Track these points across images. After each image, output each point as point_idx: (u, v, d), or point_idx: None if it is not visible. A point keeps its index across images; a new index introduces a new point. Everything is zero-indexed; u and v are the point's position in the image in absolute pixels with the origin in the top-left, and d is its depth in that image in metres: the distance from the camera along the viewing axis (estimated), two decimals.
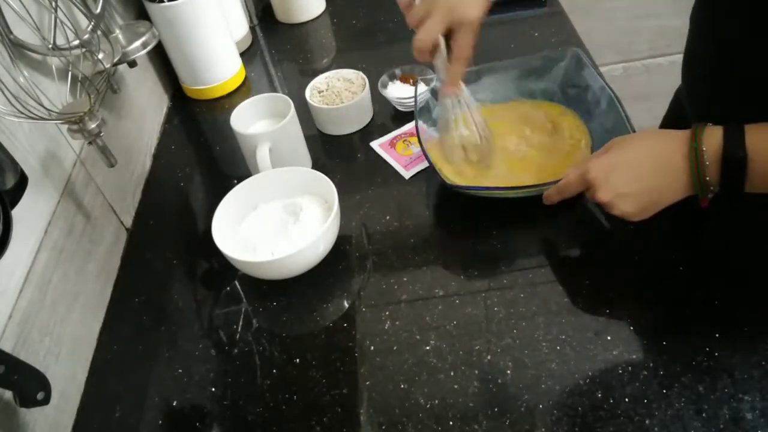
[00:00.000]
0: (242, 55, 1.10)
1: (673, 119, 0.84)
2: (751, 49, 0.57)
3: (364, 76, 0.90)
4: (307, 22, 1.18)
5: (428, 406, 0.57)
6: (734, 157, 0.51)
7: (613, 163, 0.58)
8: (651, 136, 0.59)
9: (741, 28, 0.58)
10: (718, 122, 0.54)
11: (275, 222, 0.73)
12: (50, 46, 0.66)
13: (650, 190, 0.57)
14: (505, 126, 0.80)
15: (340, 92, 0.89)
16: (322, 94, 0.90)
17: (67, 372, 0.64)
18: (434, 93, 0.84)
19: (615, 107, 0.73)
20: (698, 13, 0.66)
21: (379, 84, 0.91)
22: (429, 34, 0.61)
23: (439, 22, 0.60)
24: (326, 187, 0.71)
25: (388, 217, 0.76)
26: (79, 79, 0.66)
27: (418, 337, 0.63)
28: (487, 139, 0.72)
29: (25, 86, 0.61)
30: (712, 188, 0.54)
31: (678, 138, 0.55)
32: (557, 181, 0.66)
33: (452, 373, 0.59)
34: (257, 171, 0.76)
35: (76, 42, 0.68)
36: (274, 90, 1.05)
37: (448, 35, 0.62)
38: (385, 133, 0.88)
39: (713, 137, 0.53)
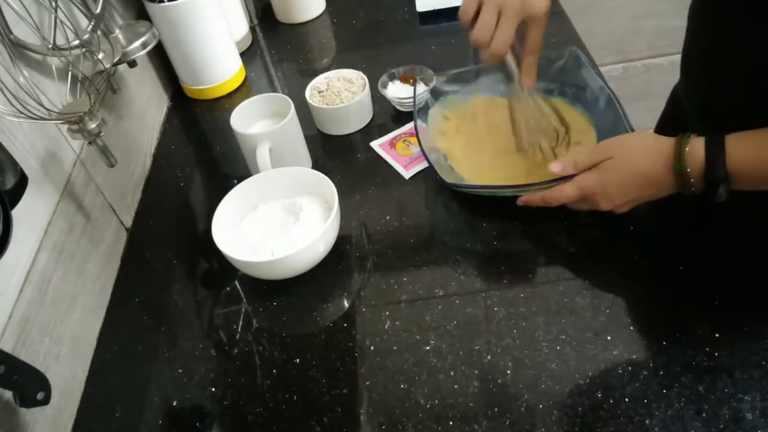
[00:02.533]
0: (242, 55, 1.10)
1: (670, 117, 0.84)
2: (749, 43, 0.57)
3: (364, 76, 0.90)
4: (307, 22, 1.18)
5: (428, 406, 0.57)
6: (716, 179, 0.55)
7: (605, 181, 0.62)
8: (636, 149, 0.62)
9: (738, 22, 0.58)
10: (717, 119, 0.55)
11: (275, 222, 0.73)
12: (50, 46, 0.66)
13: (642, 197, 0.63)
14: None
15: (340, 92, 0.89)
16: (322, 94, 0.90)
17: (67, 372, 0.64)
18: (434, 93, 0.84)
19: (614, 106, 0.73)
20: (695, 8, 0.66)
21: (379, 84, 0.91)
22: (505, 36, 0.63)
23: (512, 23, 0.63)
24: (326, 187, 0.71)
25: (388, 217, 0.76)
26: (79, 79, 0.66)
27: (418, 337, 0.63)
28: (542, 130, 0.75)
29: (25, 86, 0.61)
30: (698, 191, 0.57)
31: (662, 153, 0.58)
32: (556, 181, 0.66)
33: (452, 373, 0.59)
34: (257, 171, 0.76)
35: (76, 42, 0.68)
36: (274, 90, 1.05)
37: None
38: (385, 133, 0.88)
39: (696, 155, 0.56)
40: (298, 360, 0.63)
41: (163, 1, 0.91)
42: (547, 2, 0.64)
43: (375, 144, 0.87)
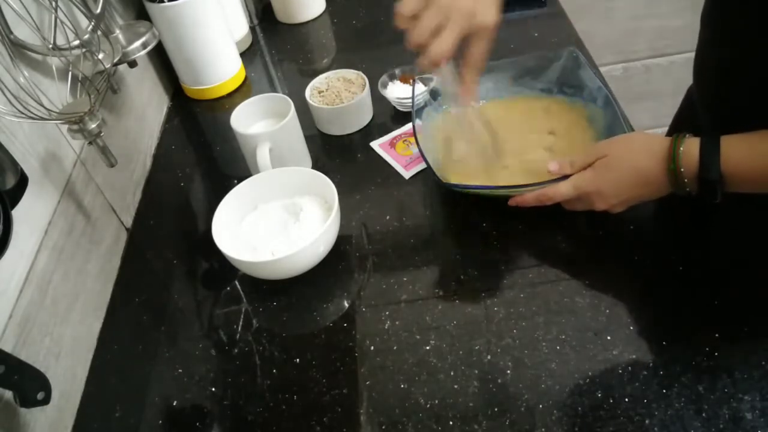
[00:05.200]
0: (242, 55, 1.10)
1: (684, 118, 0.84)
2: (761, 53, 0.57)
3: (364, 76, 0.90)
4: (307, 22, 1.18)
5: (428, 406, 0.57)
6: (710, 180, 0.55)
7: (600, 180, 0.62)
8: (631, 149, 0.62)
9: (753, 30, 0.57)
10: (728, 122, 0.56)
11: (275, 222, 0.73)
12: (50, 46, 0.66)
13: (637, 197, 0.63)
14: (509, 122, 0.80)
15: (340, 92, 0.89)
16: (322, 94, 0.90)
17: (67, 372, 0.64)
18: (433, 93, 0.84)
19: (612, 107, 0.73)
20: (709, 14, 0.66)
21: (379, 84, 0.91)
22: (447, 43, 0.57)
23: (456, 30, 0.57)
24: (326, 187, 0.71)
25: (388, 217, 0.76)
26: (79, 79, 0.66)
27: (418, 337, 0.63)
28: (492, 150, 0.75)
29: (25, 86, 0.61)
30: (692, 192, 0.58)
31: (657, 153, 0.58)
32: (556, 180, 0.66)
33: (452, 373, 0.59)
34: (257, 171, 0.76)
35: (76, 42, 0.68)
36: (274, 90, 1.05)
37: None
38: (385, 133, 0.88)
39: (691, 155, 0.56)
40: (298, 360, 0.63)
41: (163, 1, 0.91)
42: (496, 16, 0.59)
43: (375, 144, 0.87)
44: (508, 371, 0.59)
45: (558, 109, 0.80)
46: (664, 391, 0.55)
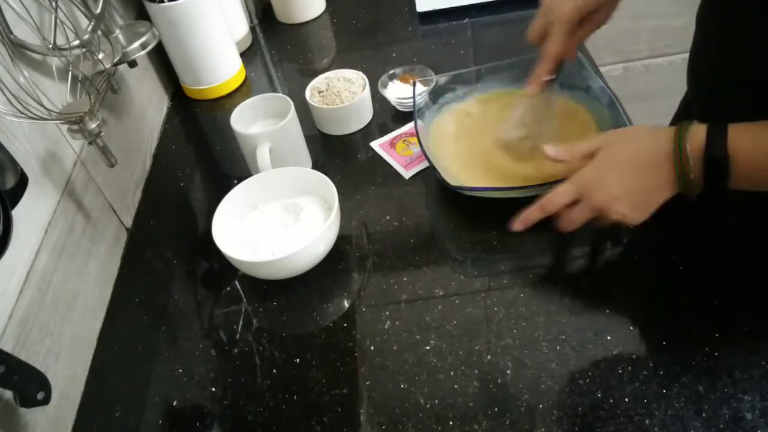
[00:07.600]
0: (242, 55, 1.10)
1: (681, 118, 0.83)
2: (757, 52, 0.57)
3: (364, 76, 0.90)
4: (307, 22, 1.18)
5: (428, 406, 0.57)
6: (716, 157, 0.52)
7: (600, 170, 0.59)
8: (634, 137, 0.59)
9: (748, 29, 0.57)
10: (722, 121, 0.55)
11: (275, 222, 0.73)
12: (50, 46, 0.66)
13: (638, 190, 0.57)
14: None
15: (340, 92, 0.89)
16: (322, 94, 0.90)
17: (67, 372, 0.64)
18: (434, 93, 0.84)
19: (615, 108, 0.73)
20: (704, 14, 0.66)
21: (379, 84, 0.91)
22: (531, 28, 0.67)
23: (539, 19, 0.66)
24: (326, 187, 0.71)
25: (388, 217, 0.76)
26: (79, 79, 0.66)
27: (418, 337, 0.63)
28: (532, 145, 0.74)
29: (25, 86, 0.61)
30: (696, 185, 0.55)
31: (661, 137, 0.56)
32: (556, 182, 0.66)
33: (452, 373, 0.59)
34: (257, 171, 0.76)
35: (77, 42, 0.68)
36: (274, 90, 1.05)
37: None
38: (385, 133, 0.88)
39: (696, 137, 0.53)
40: (298, 360, 0.63)
41: (163, 1, 0.91)
42: (569, 10, 0.62)
43: (375, 144, 0.87)
44: (508, 371, 0.59)
45: (562, 105, 0.80)
46: (664, 391, 0.55)
